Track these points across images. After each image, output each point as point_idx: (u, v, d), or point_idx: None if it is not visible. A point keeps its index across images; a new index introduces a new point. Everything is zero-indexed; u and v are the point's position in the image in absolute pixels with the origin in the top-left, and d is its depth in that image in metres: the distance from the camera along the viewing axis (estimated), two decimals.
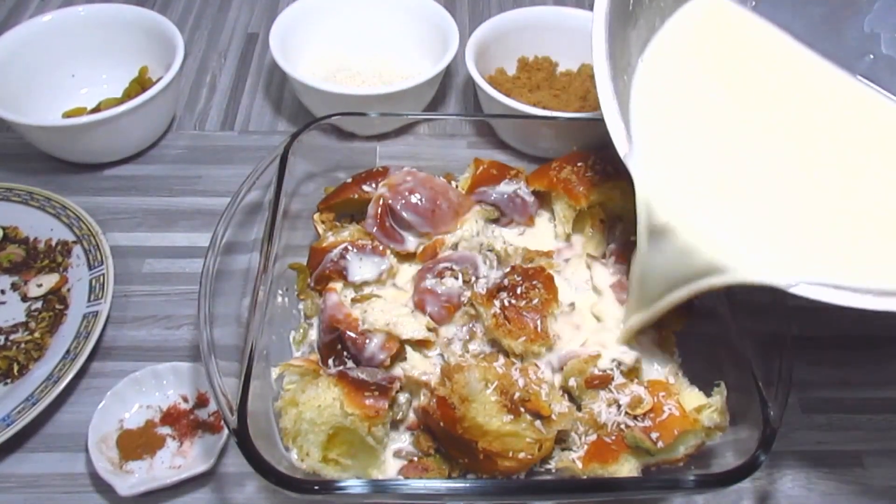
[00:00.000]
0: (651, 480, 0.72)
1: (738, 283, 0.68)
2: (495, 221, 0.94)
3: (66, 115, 1.14)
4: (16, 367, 0.87)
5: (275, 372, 0.78)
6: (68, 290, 0.94)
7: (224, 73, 1.31)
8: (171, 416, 0.84)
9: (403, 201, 0.88)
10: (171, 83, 1.08)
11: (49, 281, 0.95)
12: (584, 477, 0.72)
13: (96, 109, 1.12)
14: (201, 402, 0.85)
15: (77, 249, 0.97)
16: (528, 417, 0.72)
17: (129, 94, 1.14)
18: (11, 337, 0.90)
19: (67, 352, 0.86)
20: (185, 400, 0.86)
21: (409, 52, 1.26)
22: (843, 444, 0.86)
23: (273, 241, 0.81)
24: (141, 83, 1.16)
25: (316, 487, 0.65)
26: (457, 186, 0.96)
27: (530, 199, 0.94)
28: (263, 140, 1.18)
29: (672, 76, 0.81)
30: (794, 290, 0.65)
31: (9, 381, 0.86)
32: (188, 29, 1.39)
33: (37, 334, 0.90)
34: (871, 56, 0.81)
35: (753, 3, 0.84)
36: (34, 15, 1.30)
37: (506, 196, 0.93)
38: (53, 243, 0.98)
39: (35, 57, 1.13)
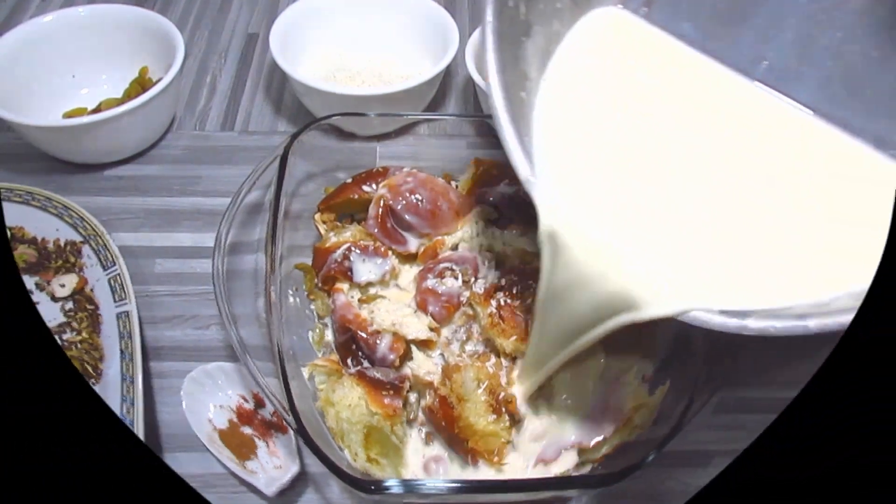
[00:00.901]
0: (530, 482, 0.69)
1: (648, 319, 0.61)
2: (495, 222, 0.95)
3: (67, 115, 1.14)
4: (89, 367, 0.85)
5: (305, 372, 0.78)
6: (91, 289, 0.93)
7: (224, 73, 1.31)
8: (244, 416, 0.82)
9: (404, 202, 0.89)
10: (172, 83, 1.08)
11: (70, 281, 0.93)
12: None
13: (97, 110, 1.12)
14: (258, 402, 0.84)
15: (86, 249, 0.96)
16: (507, 419, 0.73)
17: (129, 95, 1.14)
18: (64, 337, 0.89)
19: (122, 352, 0.85)
20: (246, 400, 0.84)
21: (409, 52, 1.26)
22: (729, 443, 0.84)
23: (276, 241, 0.82)
24: (141, 83, 1.16)
25: (385, 487, 0.63)
26: (456, 187, 0.97)
27: (530, 199, 0.94)
28: (263, 140, 1.19)
29: (574, 97, 0.75)
30: (684, 318, 0.60)
31: (93, 381, 0.84)
32: (188, 29, 1.39)
33: (84, 334, 0.88)
34: (766, 62, 0.77)
35: (646, 9, 0.80)
36: (35, 15, 1.30)
37: (506, 197, 0.93)
38: (62, 243, 0.98)
39: (35, 57, 1.13)
